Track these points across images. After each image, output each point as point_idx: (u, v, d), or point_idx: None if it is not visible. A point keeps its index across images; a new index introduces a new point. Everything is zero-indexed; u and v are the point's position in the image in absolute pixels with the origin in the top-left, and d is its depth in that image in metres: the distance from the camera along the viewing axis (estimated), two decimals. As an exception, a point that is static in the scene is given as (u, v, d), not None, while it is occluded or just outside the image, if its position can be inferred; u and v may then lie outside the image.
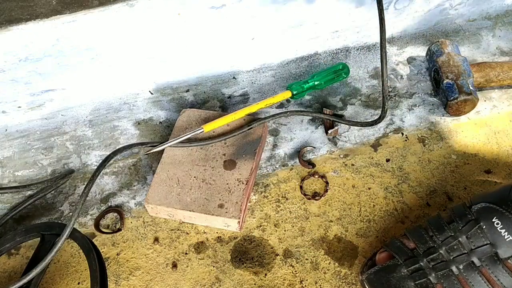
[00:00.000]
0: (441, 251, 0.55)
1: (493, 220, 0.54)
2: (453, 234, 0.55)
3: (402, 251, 0.57)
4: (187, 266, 0.62)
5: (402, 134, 0.75)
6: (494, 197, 0.57)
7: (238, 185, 0.64)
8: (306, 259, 0.62)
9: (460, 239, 0.55)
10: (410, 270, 0.55)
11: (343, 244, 0.63)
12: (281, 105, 0.79)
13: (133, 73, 0.77)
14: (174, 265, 0.62)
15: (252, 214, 0.66)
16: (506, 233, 0.53)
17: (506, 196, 0.56)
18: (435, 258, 0.55)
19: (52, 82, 0.73)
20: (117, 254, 0.63)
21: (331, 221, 0.65)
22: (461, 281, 0.53)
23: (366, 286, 0.57)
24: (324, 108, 0.76)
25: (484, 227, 0.54)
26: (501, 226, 0.54)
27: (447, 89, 0.74)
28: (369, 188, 0.68)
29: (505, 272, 0.53)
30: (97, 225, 0.66)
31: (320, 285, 0.60)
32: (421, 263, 0.55)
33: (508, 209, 0.54)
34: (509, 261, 0.53)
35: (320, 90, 0.80)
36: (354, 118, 0.76)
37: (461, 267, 0.54)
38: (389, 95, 0.78)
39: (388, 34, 0.86)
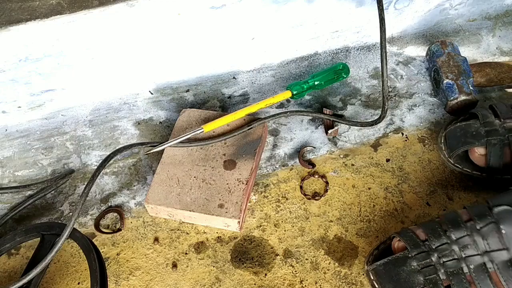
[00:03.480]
0: (454, 248, 0.54)
1: None
2: (469, 233, 0.54)
3: (415, 243, 0.55)
4: (187, 266, 0.62)
5: (402, 134, 0.75)
6: None
7: (238, 185, 0.64)
8: (306, 259, 0.62)
9: (475, 239, 0.53)
10: (421, 265, 0.54)
11: (343, 244, 0.63)
12: (281, 105, 0.79)
13: (133, 73, 0.77)
14: (174, 265, 0.62)
15: (252, 214, 0.66)
16: None
17: None
18: (447, 255, 0.54)
19: (52, 82, 0.73)
20: (117, 254, 0.63)
21: (331, 221, 0.65)
22: (470, 281, 0.53)
23: (372, 277, 0.56)
24: (324, 108, 0.76)
25: (504, 231, 0.52)
26: None
27: (447, 89, 0.74)
28: (369, 188, 0.68)
29: None
30: (97, 225, 0.66)
31: (320, 285, 0.60)
32: (432, 258, 0.54)
33: None
34: None
35: (320, 90, 0.80)
36: (354, 118, 0.76)
37: (471, 266, 0.53)
38: (389, 95, 0.78)
39: (388, 34, 0.86)
